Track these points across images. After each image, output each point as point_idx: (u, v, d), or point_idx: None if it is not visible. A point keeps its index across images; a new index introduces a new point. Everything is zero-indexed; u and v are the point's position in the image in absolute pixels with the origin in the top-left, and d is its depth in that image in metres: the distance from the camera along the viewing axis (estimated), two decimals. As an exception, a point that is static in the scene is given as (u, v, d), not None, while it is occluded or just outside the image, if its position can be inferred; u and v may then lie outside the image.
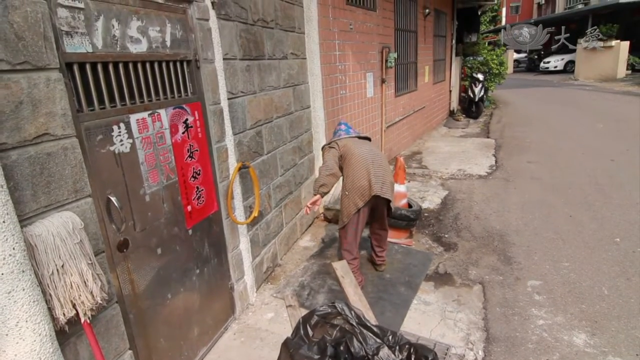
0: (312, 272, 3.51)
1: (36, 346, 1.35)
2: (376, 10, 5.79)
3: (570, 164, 6.39)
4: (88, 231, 1.62)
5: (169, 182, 2.22)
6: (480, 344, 2.61)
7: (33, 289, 1.34)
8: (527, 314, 2.90)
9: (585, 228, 4.16)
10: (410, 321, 2.85)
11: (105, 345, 1.78)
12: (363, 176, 2.96)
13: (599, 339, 2.62)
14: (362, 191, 2.96)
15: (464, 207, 4.89)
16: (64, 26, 1.58)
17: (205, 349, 2.60)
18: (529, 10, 33.70)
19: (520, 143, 8.08)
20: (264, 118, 3.30)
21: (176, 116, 2.25)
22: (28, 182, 1.44)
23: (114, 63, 1.83)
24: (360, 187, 2.96)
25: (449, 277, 3.41)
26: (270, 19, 3.35)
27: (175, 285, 2.31)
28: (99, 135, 1.76)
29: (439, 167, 6.65)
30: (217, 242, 2.72)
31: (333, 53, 4.58)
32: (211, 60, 2.54)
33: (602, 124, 9.19)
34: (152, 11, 2.05)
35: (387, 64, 6.16)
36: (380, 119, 6.34)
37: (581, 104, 12.45)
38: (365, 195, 2.96)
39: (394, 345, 1.97)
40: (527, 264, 3.55)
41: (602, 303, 2.97)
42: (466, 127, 10.39)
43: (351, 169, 3.01)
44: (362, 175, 2.96)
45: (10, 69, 1.37)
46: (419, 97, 8.46)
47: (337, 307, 2.14)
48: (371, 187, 2.95)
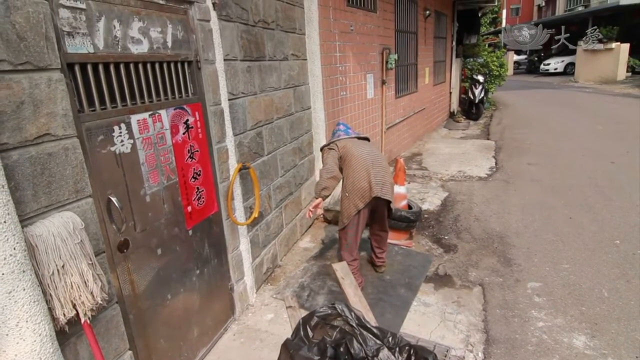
0: (312, 273, 3.51)
1: (36, 346, 1.35)
2: (377, 11, 5.80)
3: (571, 166, 6.39)
4: (88, 231, 1.63)
5: (170, 183, 2.22)
6: (480, 346, 2.61)
7: (33, 289, 1.34)
8: (527, 316, 2.90)
9: (586, 230, 4.16)
10: (410, 323, 2.85)
11: (105, 345, 1.78)
12: (363, 177, 2.96)
13: (598, 341, 2.62)
14: (363, 192, 2.96)
15: (464, 209, 4.89)
16: (65, 27, 1.59)
17: (205, 349, 2.60)
18: (529, 12, 33.76)
19: (521, 145, 8.08)
20: (265, 119, 3.30)
21: (177, 117, 2.25)
22: (29, 182, 1.44)
23: (115, 63, 1.84)
24: (360, 189, 2.96)
25: (448, 278, 3.41)
26: (271, 20, 3.35)
27: (175, 286, 2.31)
28: (99, 136, 1.76)
29: (439, 169, 6.66)
30: (217, 243, 2.72)
31: (334, 54, 4.59)
32: (212, 61, 2.55)
33: (602, 126, 9.20)
34: (153, 12, 2.05)
35: (388, 66, 6.17)
36: (380, 120, 6.34)
37: (581, 106, 12.46)
38: (366, 197, 2.96)
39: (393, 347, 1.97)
40: (527, 266, 3.55)
41: (602, 305, 2.97)
42: (466, 128, 10.40)
43: (351, 170, 3.01)
44: (362, 176, 2.96)
45: (12, 69, 1.37)
46: (419, 99, 8.47)
47: (337, 308, 2.14)
48: (371, 188, 2.94)
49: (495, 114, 12.25)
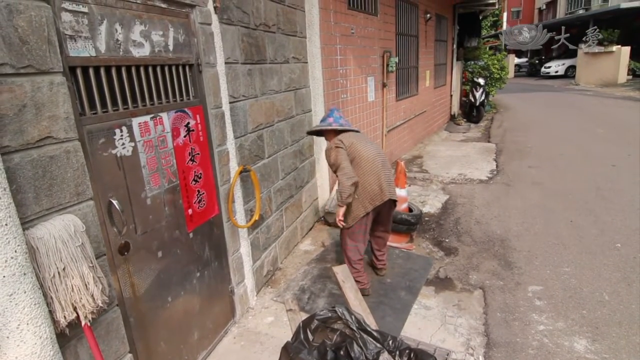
0: (313, 276, 3.51)
1: (37, 349, 1.36)
2: (377, 14, 5.82)
3: (571, 169, 6.39)
4: (89, 234, 1.63)
5: (171, 186, 2.22)
6: (480, 350, 2.60)
7: (34, 291, 1.35)
8: (527, 320, 2.89)
9: (586, 233, 4.15)
10: (410, 326, 2.84)
11: (106, 348, 1.78)
12: (374, 181, 2.95)
13: (599, 345, 2.61)
14: (373, 196, 2.95)
15: (465, 212, 4.89)
16: (67, 30, 1.59)
17: (205, 352, 2.60)
18: (530, 15, 33.84)
19: (521, 148, 8.08)
20: (265, 122, 3.31)
21: (178, 120, 2.26)
22: (30, 184, 1.44)
23: (116, 67, 1.85)
24: (371, 192, 2.95)
25: (449, 281, 3.40)
26: (272, 23, 3.36)
27: (176, 289, 2.31)
28: (101, 139, 1.77)
29: (439, 171, 6.66)
30: (218, 246, 2.72)
31: (334, 57, 4.60)
32: (213, 64, 2.55)
33: (602, 129, 9.20)
34: (155, 15, 2.06)
35: (389, 68, 6.18)
36: (381, 123, 6.35)
37: (582, 109, 12.47)
38: (377, 200, 2.96)
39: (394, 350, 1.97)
40: (528, 269, 3.54)
41: (603, 309, 2.97)
42: (467, 131, 10.41)
43: (362, 172, 2.97)
44: (373, 180, 2.95)
45: (14, 72, 1.38)
46: (420, 101, 8.48)
47: (338, 311, 2.14)
48: (382, 191, 2.95)
49: (496, 117, 12.26)
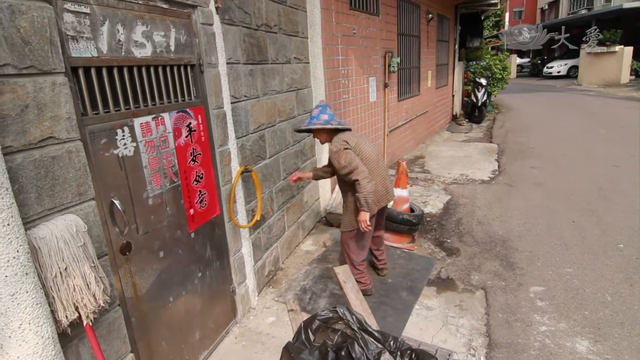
0: (314, 276, 3.51)
1: (39, 349, 1.36)
2: (379, 15, 5.82)
3: (574, 170, 6.37)
4: (91, 234, 1.64)
5: (172, 186, 2.23)
6: (482, 350, 2.60)
7: (36, 291, 1.35)
8: (529, 320, 2.88)
9: (589, 234, 4.14)
10: (412, 326, 2.84)
11: (107, 348, 1.78)
12: (380, 182, 2.96)
13: (602, 346, 2.60)
14: (380, 197, 2.97)
15: (467, 212, 4.88)
16: (69, 31, 1.60)
17: (207, 352, 2.60)
18: (532, 15, 33.73)
19: (523, 148, 8.06)
20: (267, 122, 3.31)
21: (180, 120, 2.26)
22: (32, 185, 1.45)
23: (118, 67, 1.85)
24: (377, 193, 2.95)
25: (451, 282, 3.40)
26: (274, 23, 3.37)
27: (177, 289, 2.32)
28: (103, 139, 1.78)
29: (441, 172, 6.65)
30: (219, 246, 2.72)
31: (336, 57, 4.60)
32: (215, 65, 2.56)
33: (605, 129, 9.17)
34: (156, 16, 2.07)
35: (390, 69, 6.18)
36: (383, 123, 6.35)
37: (584, 109, 12.43)
38: (383, 201, 2.99)
39: (395, 351, 1.97)
40: (530, 270, 3.53)
41: (605, 310, 2.96)
42: (469, 131, 10.39)
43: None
44: (379, 181, 2.96)
45: (16, 73, 1.39)
46: (421, 102, 8.47)
47: (339, 311, 2.14)
48: (388, 192, 2.99)
49: (498, 117, 12.23)
